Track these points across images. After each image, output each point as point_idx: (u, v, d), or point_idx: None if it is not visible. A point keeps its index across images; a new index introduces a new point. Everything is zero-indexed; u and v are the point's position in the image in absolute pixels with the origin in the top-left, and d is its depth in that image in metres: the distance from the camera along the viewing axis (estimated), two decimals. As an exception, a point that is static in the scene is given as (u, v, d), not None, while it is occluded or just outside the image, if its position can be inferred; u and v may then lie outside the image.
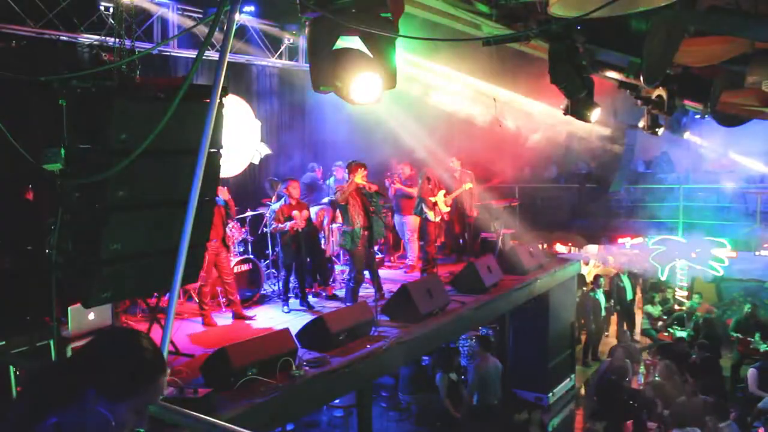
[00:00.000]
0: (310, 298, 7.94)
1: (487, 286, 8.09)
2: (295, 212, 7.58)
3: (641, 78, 4.48)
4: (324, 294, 8.44)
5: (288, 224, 7.53)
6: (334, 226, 9.02)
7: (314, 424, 8.75)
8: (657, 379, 9.12)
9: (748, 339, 10.28)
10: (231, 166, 9.35)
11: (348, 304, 7.32)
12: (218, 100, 2.94)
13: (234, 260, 7.71)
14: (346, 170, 7.70)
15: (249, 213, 8.84)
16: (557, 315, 9.95)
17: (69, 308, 5.19)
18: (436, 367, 8.89)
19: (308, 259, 8.06)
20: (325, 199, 9.50)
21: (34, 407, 1.53)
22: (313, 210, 8.97)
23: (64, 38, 7.27)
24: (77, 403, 1.53)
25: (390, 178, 10.10)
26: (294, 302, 7.75)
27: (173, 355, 5.58)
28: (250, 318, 7.18)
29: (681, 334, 11.53)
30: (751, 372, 8.75)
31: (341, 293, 8.24)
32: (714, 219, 12.34)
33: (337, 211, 8.35)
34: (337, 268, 9.24)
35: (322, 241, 9.01)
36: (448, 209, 9.75)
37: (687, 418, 6.87)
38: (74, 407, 1.53)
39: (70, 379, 1.55)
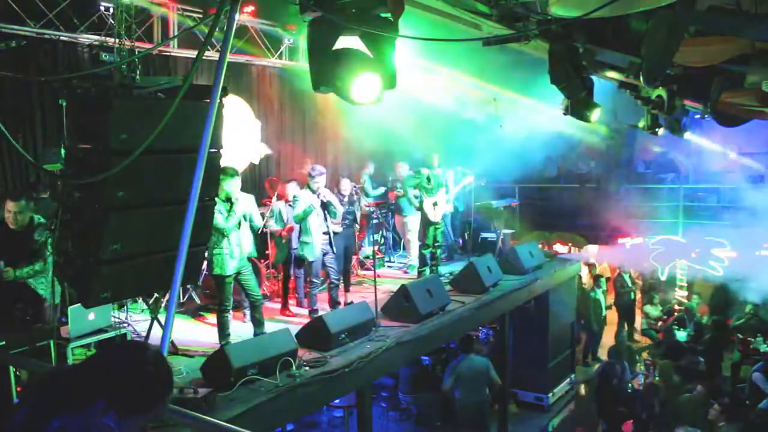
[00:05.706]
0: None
1: (487, 286, 8.09)
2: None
3: (641, 78, 4.49)
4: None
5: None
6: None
7: (314, 424, 8.75)
8: (657, 379, 9.11)
9: (749, 339, 10.27)
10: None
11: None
12: (218, 100, 2.93)
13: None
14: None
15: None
16: (557, 315, 9.93)
17: (69, 308, 5.19)
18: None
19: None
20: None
21: (41, 409, 1.53)
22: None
23: (64, 38, 7.28)
24: (85, 411, 1.53)
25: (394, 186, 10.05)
26: (291, 303, 7.75)
27: (173, 355, 5.58)
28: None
29: (681, 335, 11.52)
30: (755, 376, 8.46)
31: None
32: (714, 219, 12.32)
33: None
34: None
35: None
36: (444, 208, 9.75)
37: (686, 417, 6.86)
38: (81, 415, 1.53)
39: (82, 387, 1.55)
